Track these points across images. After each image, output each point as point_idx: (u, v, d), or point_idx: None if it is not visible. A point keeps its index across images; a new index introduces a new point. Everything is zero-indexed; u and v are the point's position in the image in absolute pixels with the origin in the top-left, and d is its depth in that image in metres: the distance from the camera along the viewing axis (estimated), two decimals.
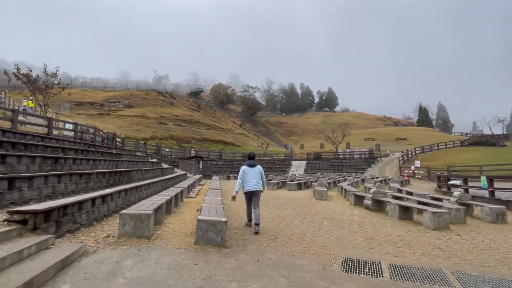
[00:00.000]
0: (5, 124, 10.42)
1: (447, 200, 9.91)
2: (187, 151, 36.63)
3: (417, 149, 38.48)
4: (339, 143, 41.11)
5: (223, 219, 4.86)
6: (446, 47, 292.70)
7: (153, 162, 17.95)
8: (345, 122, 58.64)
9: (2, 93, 29.36)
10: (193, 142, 45.61)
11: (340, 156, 39.35)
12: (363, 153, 39.10)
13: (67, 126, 15.98)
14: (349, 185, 15.62)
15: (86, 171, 8.02)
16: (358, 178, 21.32)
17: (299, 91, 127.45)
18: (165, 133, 45.02)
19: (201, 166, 31.14)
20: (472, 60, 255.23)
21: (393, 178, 22.22)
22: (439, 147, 39.95)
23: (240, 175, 6.41)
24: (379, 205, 9.65)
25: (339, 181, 19.81)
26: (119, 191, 7.34)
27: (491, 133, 49.54)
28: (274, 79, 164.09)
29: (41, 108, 16.05)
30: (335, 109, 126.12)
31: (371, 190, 10.26)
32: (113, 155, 13.38)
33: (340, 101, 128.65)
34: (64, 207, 4.76)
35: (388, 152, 44.27)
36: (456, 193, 9.70)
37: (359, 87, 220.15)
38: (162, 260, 3.85)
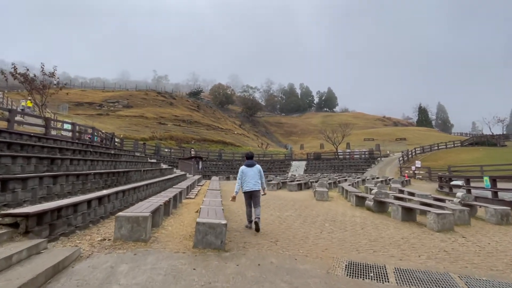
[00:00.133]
0: (1, 124, 10.25)
1: (450, 201, 9.76)
2: (186, 152, 36.46)
3: (417, 149, 38.37)
4: (339, 143, 40.96)
5: (223, 221, 4.71)
6: (446, 47, 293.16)
7: (152, 163, 17.78)
8: (344, 122, 58.50)
9: (0, 93, 29.22)
10: (192, 142, 45.44)
11: (340, 156, 39.20)
12: (363, 153, 38.95)
13: (65, 126, 15.80)
14: (350, 185, 15.47)
15: (83, 172, 7.84)
16: (358, 178, 21.18)
17: (298, 91, 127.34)
18: (165, 133, 44.84)
19: (200, 167, 30.98)
20: (472, 60, 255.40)
21: (394, 178, 22.08)
22: (439, 147, 39.84)
23: (239, 176, 6.40)
24: (381, 206, 9.51)
25: (339, 181, 19.67)
26: (117, 192, 7.19)
27: (491, 133, 49.41)
28: (274, 79, 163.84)
29: (39, 108, 15.88)
30: (334, 109, 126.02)
31: (372, 191, 10.11)
32: (111, 156, 13.21)
33: (339, 101, 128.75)
34: (58, 209, 4.60)
35: (388, 152, 44.15)
36: (459, 194, 9.56)
37: (358, 87, 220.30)
38: (159, 265, 3.70)
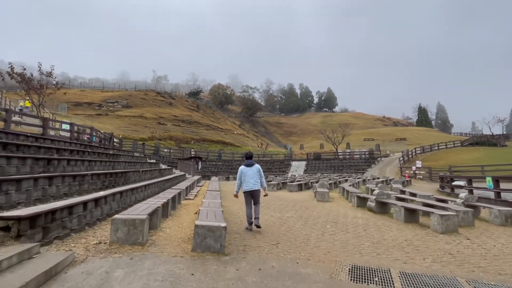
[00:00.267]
0: None
1: (452, 201, 9.64)
2: (186, 152, 36.29)
3: (417, 149, 38.25)
4: (339, 143, 40.83)
5: (222, 224, 4.57)
6: (445, 47, 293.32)
7: (151, 163, 17.62)
8: (344, 122, 58.39)
9: None
10: (192, 142, 45.28)
11: (340, 157, 39.07)
12: (363, 153, 38.82)
13: (63, 126, 15.64)
14: (351, 186, 15.34)
15: (80, 173, 7.70)
16: (359, 178, 21.06)
17: (298, 91, 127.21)
18: (164, 133, 44.66)
19: (200, 167, 30.82)
20: (472, 60, 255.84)
21: (395, 178, 21.96)
22: (440, 147, 39.72)
23: (238, 176, 6.45)
24: (383, 207, 9.38)
25: (340, 182, 19.54)
26: (114, 194, 7.05)
27: (491, 133, 49.28)
28: (273, 80, 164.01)
29: (36, 108, 15.72)
30: (334, 109, 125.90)
31: (374, 192, 9.98)
32: (110, 156, 13.06)
33: (339, 101, 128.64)
34: (52, 211, 4.47)
35: (388, 152, 44.04)
36: (462, 195, 9.44)
37: (358, 87, 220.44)
38: (156, 270, 3.56)
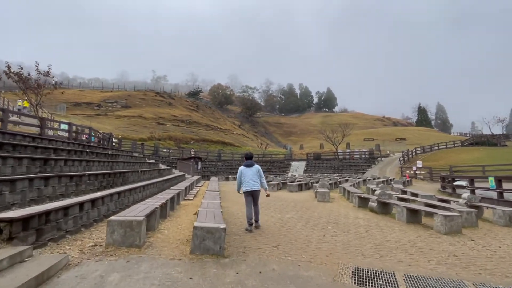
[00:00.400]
0: None
1: (455, 202, 9.52)
2: (185, 152, 36.15)
3: (417, 149, 38.15)
4: (339, 144, 40.72)
5: (222, 225, 4.44)
6: (445, 48, 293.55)
7: (150, 163, 17.49)
8: (344, 122, 58.27)
9: None
10: (191, 142, 45.14)
11: (340, 157, 38.94)
12: (363, 153, 38.70)
13: (62, 126, 15.50)
14: (351, 186, 15.22)
15: (77, 173, 7.57)
16: (359, 178, 20.94)
17: (298, 91, 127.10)
18: (163, 133, 44.51)
19: (199, 167, 30.69)
20: (471, 60, 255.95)
21: (395, 178, 21.86)
22: (440, 147, 39.63)
23: (238, 176, 6.46)
24: (384, 208, 9.26)
25: (340, 182, 19.42)
26: (111, 194, 6.92)
27: (491, 133, 49.21)
28: (273, 80, 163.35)
29: (34, 107, 15.59)
30: (334, 109, 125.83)
31: (376, 192, 9.86)
32: (108, 156, 12.93)
33: (339, 102, 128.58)
34: (46, 213, 4.34)
35: (388, 152, 43.94)
36: (465, 195, 9.32)
37: (358, 87, 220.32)
38: (153, 273, 3.43)
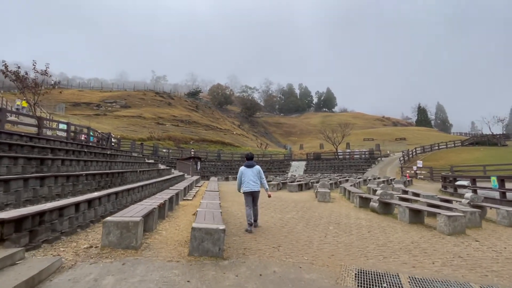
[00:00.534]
0: None
1: (458, 202, 9.40)
2: (185, 152, 36.02)
3: (417, 149, 38.05)
4: (339, 143, 40.61)
5: (221, 226, 4.32)
6: (445, 48, 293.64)
7: (149, 163, 17.37)
8: (344, 122, 58.18)
9: None
10: (191, 142, 45.01)
11: (340, 157, 38.84)
12: (363, 153, 38.59)
13: (60, 126, 15.36)
14: (352, 186, 15.10)
15: (74, 173, 7.45)
16: (359, 178, 20.82)
17: (297, 91, 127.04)
18: (163, 133, 44.38)
19: (199, 167, 30.57)
20: (471, 60, 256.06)
21: (396, 178, 21.74)
22: (440, 147, 39.56)
23: (238, 176, 6.46)
24: (386, 208, 9.14)
25: (340, 182, 19.31)
26: (109, 194, 6.80)
27: (491, 133, 49.15)
28: (273, 80, 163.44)
29: (31, 107, 15.45)
30: (333, 109, 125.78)
31: (377, 192, 9.74)
32: (107, 156, 12.80)
33: (338, 102, 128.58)
34: (40, 214, 4.22)
35: (389, 152, 43.84)
36: (467, 195, 9.20)
37: (357, 87, 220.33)
38: (149, 276, 3.31)
